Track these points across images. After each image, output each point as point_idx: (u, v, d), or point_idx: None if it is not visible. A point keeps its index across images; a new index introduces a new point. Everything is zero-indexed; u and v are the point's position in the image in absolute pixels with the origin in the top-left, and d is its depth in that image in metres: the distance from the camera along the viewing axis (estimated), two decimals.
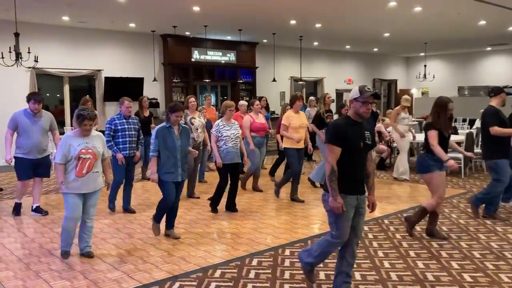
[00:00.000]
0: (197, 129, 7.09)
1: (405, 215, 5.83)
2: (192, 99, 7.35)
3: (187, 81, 13.93)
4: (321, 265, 4.39)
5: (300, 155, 6.99)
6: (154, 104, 13.07)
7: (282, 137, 7.80)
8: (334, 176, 3.40)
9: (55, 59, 11.57)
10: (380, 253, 4.71)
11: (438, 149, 4.90)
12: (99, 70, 12.42)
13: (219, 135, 6.23)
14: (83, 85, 13.03)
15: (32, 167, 6.22)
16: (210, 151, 7.98)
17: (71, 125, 10.94)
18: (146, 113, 8.75)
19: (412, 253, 4.70)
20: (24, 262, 4.57)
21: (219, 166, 6.20)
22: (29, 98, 6.12)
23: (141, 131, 6.56)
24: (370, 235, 5.33)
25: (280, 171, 8.90)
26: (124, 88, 12.47)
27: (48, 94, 12.42)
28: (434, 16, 11.10)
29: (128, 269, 4.35)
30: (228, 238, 5.33)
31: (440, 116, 4.97)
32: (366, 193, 3.68)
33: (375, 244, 5.01)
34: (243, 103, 8.86)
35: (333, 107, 10.20)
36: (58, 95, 12.52)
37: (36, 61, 9.08)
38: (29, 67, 9.94)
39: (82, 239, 4.69)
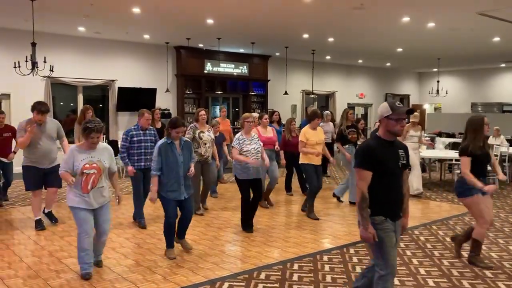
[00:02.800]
0: (205, 144, 6.85)
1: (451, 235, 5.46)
2: (202, 112, 7.05)
3: (200, 92, 14.03)
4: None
5: (318, 171, 6.80)
6: (166, 115, 13.17)
7: (285, 152, 7.74)
8: (365, 204, 3.14)
9: (70, 69, 11.74)
10: None
11: (469, 177, 4.57)
12: (113, 80, 12.56)
13: (239, 149, 5.90)
14: (96, 95, 13.18)
15: (42, 177, 6.05)
16: (219, 167, 7.77)
17: None
18: (158, 125, 8.60)
19: (422, 271, 4.64)
20: (33, 270, 4.60)
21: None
22: (33, 108, 5.88)
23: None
24: None
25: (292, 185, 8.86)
26: (137, 98, 12.64)
27: (62, 103, 12.59)
28: (448, 32, 11.08)
29: (136, 279, 4.35)
30: (237, 250, 5.31)
31: (477, 137, 4.71)
32: None
33: None
34: (254, 115, 8.84)
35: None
36: (71, 104, 12.68)
37: (51, 70, 9.22)
38: (44, 76, 10.07)
39: (94, 248, 4.53)
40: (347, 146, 7.65)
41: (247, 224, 6.08)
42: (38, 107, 5.86)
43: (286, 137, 7.96)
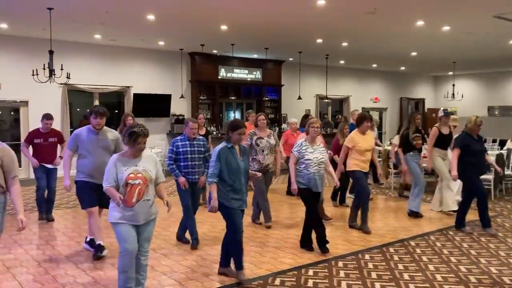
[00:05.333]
0: (262, 151, 6.41)
1: None
2: (262, 116, 6.56)
3: (214, 98, 14.11)
4: None
5: (366, 178, 6.34)
6: (180, 120, 13.29)
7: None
8: None
9: (86, 76, 11.92)
10: (406, 276, 4.62)
11: None
12: (128, 87, 12.71)
13: (300, 157, 5.41)
14: (112, 101, 13.34)
15: (97, 193, 5.10)
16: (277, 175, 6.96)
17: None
18: (203, 131, 7.73)
19: (438, 277, 4.59)
20: (51, 275, 4.66)
21: (294, 192, 5.46)
22: (90, 112, 5.30)
23: (209, 154, 5.49)
24: (396, 257, 5.23)
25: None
26: (152, 104, 12.78)
27: (78, 109, 12.78)
28: (463, 35, 10.99)
29: (150, 285, 4.37)
30: (251, 256, 5.30)
31: None
32: None
33: (400, 266, 4.91)
34: (294, 120, 8.51)
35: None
36: (88, 111, 12.82)
37: (68, 77, 9.38)
38: (61, 83, 10.25)
39: (136, 281, 3.92)
40: (411, 153, 7.09)
41: (307, 240, 5.53)
42: (95, 110, 5.25)
43: (339, 141, 7.52)
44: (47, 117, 7.02)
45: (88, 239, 5.55)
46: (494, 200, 8.66)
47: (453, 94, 17.21)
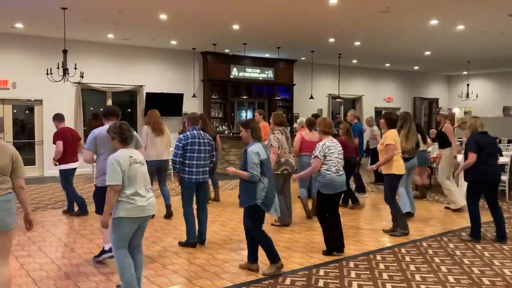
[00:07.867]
0: None
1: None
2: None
3: (225, 97, 14.15)
4: None
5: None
6: None
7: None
8: None
9: (100, 75, 12.03)
10: (418, 277, 4.57)
11: None
12: (141, 86, 12.79)
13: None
14: (125, 100, 13.44)
15: None
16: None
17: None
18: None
19: (451, 279, 4.54)
20: (63, 271, 4.71)
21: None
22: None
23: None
24: (408, 257, 5.19)
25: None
26: (164, 103, 12.84)
27: (91, 108, 12.89)
28: (478, 34, 10.86)
29: (162, 282, 4.39)
30: (262, 255, 5.29)
31: None
32: None
33: (412, 267, 4.87)
34: (298, 120, 8.42)
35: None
36: (101, 109, 12.93)
37: (81, 76, 9.47)
38: (75, 82, 10.35)
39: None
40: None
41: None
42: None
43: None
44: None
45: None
46: (509, 201, 8.54)
47: (468, 94, 17.02)
